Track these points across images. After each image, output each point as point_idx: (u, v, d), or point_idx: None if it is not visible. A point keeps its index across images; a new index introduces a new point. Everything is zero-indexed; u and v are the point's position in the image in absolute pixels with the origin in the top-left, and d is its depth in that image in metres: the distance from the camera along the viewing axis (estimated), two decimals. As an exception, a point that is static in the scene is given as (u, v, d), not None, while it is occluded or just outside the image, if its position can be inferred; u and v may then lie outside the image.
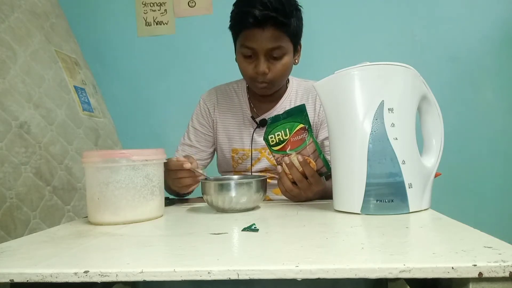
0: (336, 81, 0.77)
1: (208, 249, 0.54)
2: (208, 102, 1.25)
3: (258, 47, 1.02)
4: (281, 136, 0.91)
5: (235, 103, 1.24)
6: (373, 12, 1.96)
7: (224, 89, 1.27)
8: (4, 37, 1.30)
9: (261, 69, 1.04)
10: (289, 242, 0.57)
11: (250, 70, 1.07)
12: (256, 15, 0.98)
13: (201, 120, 1.25)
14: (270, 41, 1.01)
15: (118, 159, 0.76)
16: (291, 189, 0.91)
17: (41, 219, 1.23)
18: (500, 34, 1.88)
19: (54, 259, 0.52)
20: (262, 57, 1.04)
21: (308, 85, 1.23)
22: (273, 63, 1.06)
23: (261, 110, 1.21)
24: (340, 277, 0.42)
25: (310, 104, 1.20)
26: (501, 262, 0.41)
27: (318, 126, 1.20)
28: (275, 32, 1.01)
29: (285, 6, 1.00)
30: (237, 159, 1.21)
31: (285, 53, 1.06)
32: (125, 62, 2.11)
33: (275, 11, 0.98)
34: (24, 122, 1.24)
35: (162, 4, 2.07)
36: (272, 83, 1.10)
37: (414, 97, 0.77)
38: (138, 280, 0.45)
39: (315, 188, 0.91)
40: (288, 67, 1.09)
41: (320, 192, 0.93)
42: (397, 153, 0.72)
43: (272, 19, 0.98)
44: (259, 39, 1.01)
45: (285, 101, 1.21)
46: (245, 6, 1.01)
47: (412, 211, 0.73)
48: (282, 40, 1.03)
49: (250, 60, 1.06)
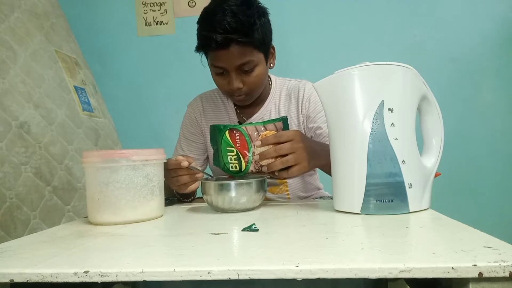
0: (336, 81, 0.77)
1: (208, 249, 0.54)
2: (194, 111, 1.25)
3: (227, 65, 1.02)
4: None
5: (221, 109, 1.23)
6: (373, 12, 1.96)
7: (210, 95, 1.26)
8: (4, 37, 1.30)
9: (234, 86, 1.04)
10: (289, 242, 0.57)
11: (225, 86, 1.07)
12: (217, 40, 0.97)
13: (190, 128, 1.25)
14: (237, 58, 1.01)
15: (118, 159, 0.76)
16: (282, 162, 0.86)
17: (41, 219, 1.23)
18: (500, 34, 1.88)
19: (54, 259, 0.52)
20: (233, 74, 1.04)
21: (291, 85, 1.21)
22: (245, 77, 1.05)
23: (246, 114, 1.20)
24: (340, 277, 0.42)
25: (293, 103, 1.18)
26: (501, 262, 0.41)
27: (305, 122, 1.17)
28: (241, 49, 1.00)
29: (244, 23, 0.98)
30: None
31: (256, 65, 1.05)
32: (125, 62, 2.11)
33: (235, 32, 0.97)
34: (24, 122, 1.24)
35: (162, 4, 2.07)
36: (249, 94, 1.09)
37: (414, 97, 0.77)
38: (138, 280, 0.45)
39: (295, 145, 0.86)
40: (262, 77, 1.08)
41: (308, 149, 0.88)
42: (397, 153, 0.72)
43: (234, 40, 0.98)
44: (226, 59, 1.01)
45: (270, 103, 1.19)
46: (206, 30, 1.00)
47: (412, 211, 0.73)
48: (249, 54, 1.02)
49: (223, 76, 1.07)
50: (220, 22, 0.97)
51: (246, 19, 0.98)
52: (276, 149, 0.86)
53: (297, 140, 0.87)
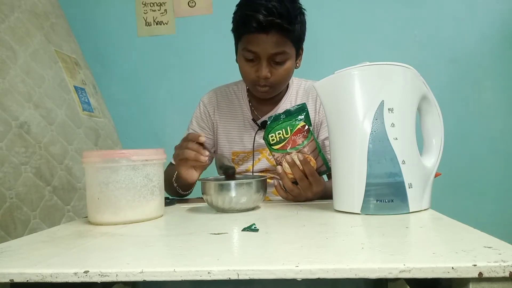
0: (336, 81, 0.77)
1: (208, 249, 0.54)
2: (209, 105, 1.24)
3: (261, 51, 1.01)
4: (282, 134, 0.91)
5: (236, 105, 1.23)
6: (373, 12, 1.96)
7: (224, 91, 1.26)
8: (4, 37, 1.30)
9: (263, 74, 1.04)
10: (289, 242, 0.57)
11: (252, 74, 1.07)
12: (260, 21, 0.96)
13: (201, 123, 1.25)
14: (274, 46, 1.00)
15: (118, 159, 0.76)
16: (291, 189, 0.91)
17: (41, 219, 1.23)
18: (500, 34, 1.88)
19: (54, 259, 0.52)
20: (264, 62, 1.03)
21: (308, 85, 1.23)
22: (275, 68, 1.05)
23: (261, 112, 1.21)
24: (340, 277, 0.42)
25: (311, 104, 1.20)
26: (501, 262, 0.41)
27: (318, 126, 1.20)
28: (279, 38, 1.00)
29: (290, 11, 0.98)
30: (237, 161, 1.21)
31: (288, 58, 1.05)
32: (125, 62, 2.11)
33: (280, 17, 0.96)
34: (24, 122, 1.24)
35: (162, 4, 2.07)
36: (274, 87, 1.10)
37: (414, 97, 0.77)
38: (138, 280, 0.45)
39: (315, 188, 0.91)
40: (290, 72, 1.09)
41: (320, 193, 0.93)
42: (397, 153, 0.72)
43: (276, 25, 0.97)
44: (262, 44, 1.00)
45: (285, 102, 1.20)
46: (249, 10, 0.99)
47: (412, 211, 0.73)
48: (285, 45, 1.02)
49: (252, 63, 1.06)
50: (267, 5, 0.97)
51: (291, 8, 0.99)
52: (298, 176, 0.89)
53: (313, 191, 0.91)
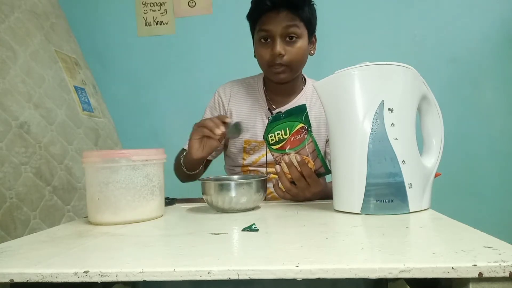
0: (336, 81, 0.77)
1: (208, 249, 0.54)
2: (223, 95, 1.27)
3: (273, 28, 1.08)
4: (281, 135, 0.92)
5: (251, 95, 1.26)
6: (374, 12, 1.96)
7: (241, 81, 1.30)
8: (4, 37, 1.30)
9: (277, 50, 1.08)
10: (289, 242, 0.57)
11: (267, 55, 1.12)
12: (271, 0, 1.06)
13: (214, 113, 1.27)
14: (285, 20, 1.08)
15: (118, 159, 0.76)
16: (289, 189, 0.92)
17: (41, 219, 1.23)
18: (500, 34, 1.88)
19: (54, 259, 0.52)
20: (278, 39, 1.09)
21: None
22: (288, 46, 1.10)
23: (277, 103, 1.23)
24: (340, 277, 0.42)
25: None
26: (501, 262, 0.41)
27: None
28: (289, 14, 1.08)
29: None
30: (248, 150, 1.23)
31: (300, 37, 1.10)
32: (125, 62, 2.11)
33: None
34: (24, 122, 1.24)
35: (162, 4, 2.07)
36: (289, 67, 1.12)
37: (414, 97, 0.77)
38: (138, 280, 0.45)
39: (313, 189, 0.91)
40: (304, 52, 1.13)
41: (319, 193, 0.94)
42: (397, 153, 0.72)
43: (286, 2, 1.06)
44: (274, 21, 1.08)
45: (302, 97, 1.22)
46: None
47: (412, 211, 0.73)
48: (296, 21, 1.09)
49: (267, 45, 1.12)
50: None
51: None
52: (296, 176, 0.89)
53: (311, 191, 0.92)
